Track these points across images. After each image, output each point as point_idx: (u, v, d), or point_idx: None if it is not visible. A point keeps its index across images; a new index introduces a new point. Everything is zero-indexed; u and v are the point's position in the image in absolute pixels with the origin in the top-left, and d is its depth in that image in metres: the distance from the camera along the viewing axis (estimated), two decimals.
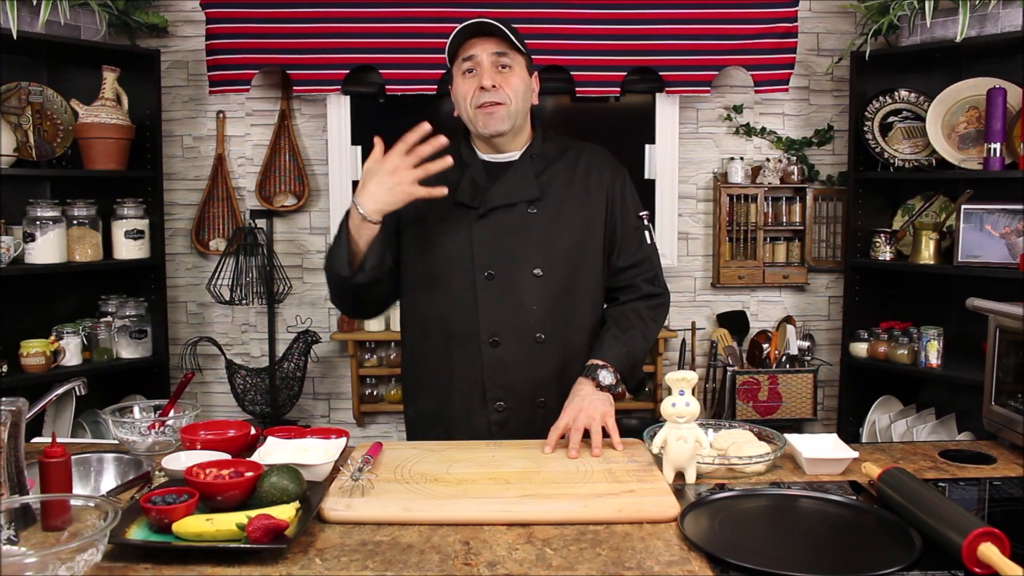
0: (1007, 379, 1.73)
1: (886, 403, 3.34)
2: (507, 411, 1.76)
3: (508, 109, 1.75)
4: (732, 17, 3.32)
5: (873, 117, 3.29)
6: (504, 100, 1.74)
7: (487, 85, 1.72)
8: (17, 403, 1.29)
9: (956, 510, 1.19)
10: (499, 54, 1.73)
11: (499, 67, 1.74)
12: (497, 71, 1.74)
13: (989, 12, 2.86)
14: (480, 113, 1.75)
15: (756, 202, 3.54)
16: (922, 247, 3.14)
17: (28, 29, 2.86)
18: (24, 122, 3.05)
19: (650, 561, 1.15)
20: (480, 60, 1.74)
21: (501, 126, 1.75)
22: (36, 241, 2.95)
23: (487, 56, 1.73)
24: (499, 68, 1.74)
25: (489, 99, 1.73)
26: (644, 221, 1.89)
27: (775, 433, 1.61)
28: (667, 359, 3.57)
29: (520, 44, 1.76)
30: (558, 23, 3.30)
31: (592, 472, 1.46)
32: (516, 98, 1.75)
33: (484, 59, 1.73)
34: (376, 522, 1.28)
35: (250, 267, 3.41)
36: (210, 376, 3.65)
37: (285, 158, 3.56)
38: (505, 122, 1.75)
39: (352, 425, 3.61)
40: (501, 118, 1.75)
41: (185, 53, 3.51)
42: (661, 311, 1.89)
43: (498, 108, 1.74)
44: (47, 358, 2.97)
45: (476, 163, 1.81)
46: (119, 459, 1.54)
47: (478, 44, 1.74)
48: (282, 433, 1.60)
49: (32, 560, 1.00)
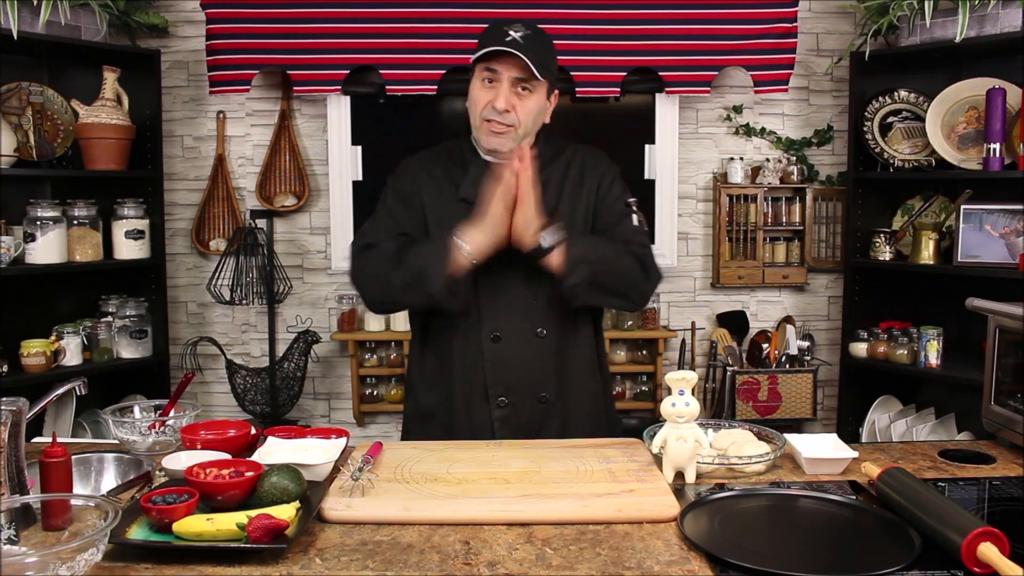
0: (1006, 379, 1.73)
1: (886, 403, 3.34)
2: (509, 407, 1.77)
3: (516, 132, 1.74)
4: (732, 17, 3.32)
5: (873, 117, 3.29)
6: (514, 123, 1.73)
7: (500, 107, 1.71)
8: (17, 403, 1.29)
9: (955, 510, 1.19)
10: (521, 79, 1.72)
11: (518, 90, 1.73)
12: (515, 93, 1.72)
13: (988, 12, 2.86)
14: (486, 128, 1.74)
15: (756, 202, 3.54)
16: (922, 247, 3.14)
17: (28, 29, 2.86)
18: (25, 122, 3.05)
19: (650, 561, 1.15)
20: (501, 78, 1.72)
21: (503, 147, 1.75)
22: (36, 241, 2.95)
23: (508, 77, 1.71)
24: (518, 91, 1.73)
25: (499, 120, 1.72)
26: (632, 207, 1.85)
27: (775, 433, 1.61)
28: (667, 359, 3.57)
29: (546, 71, 1.73)
30: (558, 23, 3.30)
31: (592, 472, 1.46)
32: (527, 121, 1.74)
33: (504, 78, 1.71)
34: (376, 522, 1.28)
35: (250, 267, 3.41)
36: (210, 376, 3.65)
37: (285, 158, 3.56)
38: (508, 144, 1.75)
39: (352, 425, 3.61)
40: (505, 140, 1.74)
41: (185, 53, 3.51)
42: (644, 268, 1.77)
43: (506, 131, 1.73)
44: (47, 358, 2.97)
45: (479, 163, 1.82)
46: (119, 459, 1.54)
47: (505, 60, 1.71)
48: (282, 433, 1.60)
49: (32, 560, 1.00)
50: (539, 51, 1.71)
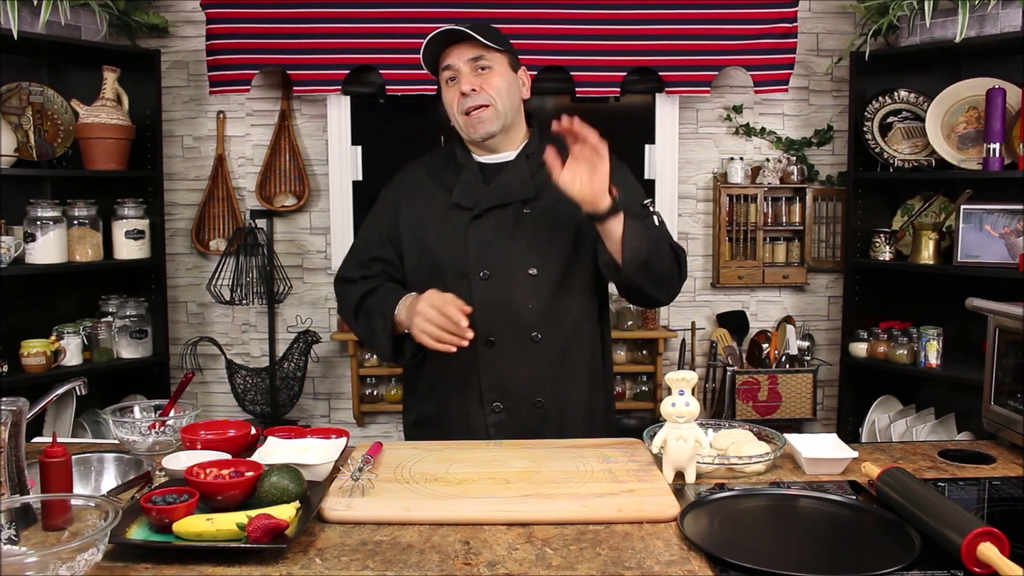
0: (1006, 379, 1.73)
1: (886, 403, 3.34)
2: (504, 412, 1.76)
3: (495, 109, 1.74)
4: (732, 17, 3.32)
5: (873, 117, 3.29)
6: (488, 101, 1.73)
7: (466, 90, 1.72)
8: (17, 403, 1.29)
9: (955, 510, 1.19)
10: (475, 58, 1.73)
11: (477, 70, 1.73)
12: (476, 74, 1.73)
13: (988, 12, 2.86)
14: (467, 120, 1.75)
15: (756, 202, 3.54)
16: (922, 247, 3.14)
17: (29, 29, 2.86)
18: (25, 122, 3.05)
19: (650, 561, 1.15)
20: (458, 67, 1.73)
21: (490, 127, 1.75)
22: (36, 241, 2.95)
23: (464, 62, 1.73)
24: (478, 71, 1.73)
25: (472, 103, 1.73)
26: (650, 208, 1.82)
27: (775, 433, 1.61)
28: (667, 359, 3.57)
29: (497, 43, 1.74)
30: (558, 23, 3.30)
31: (592, 472, 1.46)
32: (500, 96, 1.74)
33: (461, 65, 1.73)
34: (376, 522, 1.28)
35: (250, 267, 3.41)
36: (210, 376, 3.65)
37: (285, 158, 3.56)
38: (494, 123, 1.75)
39: (352, 425, 3.61)
40: (489, 119, 1.74)
41: (185, 53, 3.51)
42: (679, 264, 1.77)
43: (483, 111, 1.74)
44: (47, 358, 2.97)
45: (471, 165, 1.81)
46: (119, 459, 1.54)
47: (454, 51, 1.73)
48: (282, 433, 1.60)
49: (33, 560, 1.00)
50: (481, 28, 1.73)
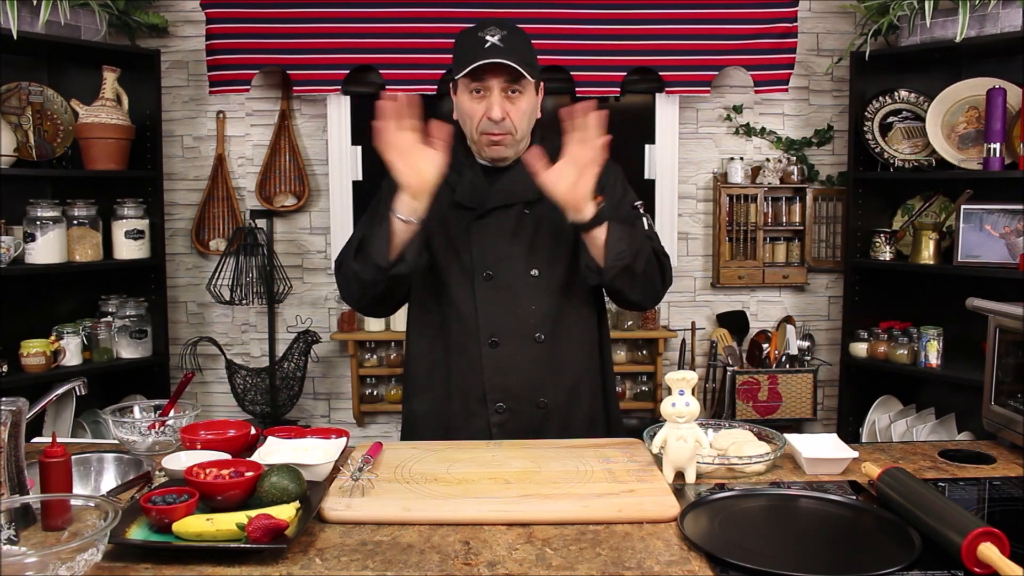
0: (1007, 379, 1.73)
1: (886, 403, 3.34)
2: (507, 412, 1.76)
3: (514, 138, 1.74)
4: (732, 17, 3.32)
5: (873, 117, 3.29)
6: (510, 130, 1.73)
7: (496, 117, 1.70)
8: (17, 403, 1.29)
9: (956, 510, 1.19)
10: (510, 82, 1.71)
11: (508, 93, 1.72)
12: (506, 97, 1.72)
13: (989, 12, 2.86)
14: (485, 140, 1.74)
15: (756, 202, 3.54)
16: (922, 247, 3.14)
17: (28, 29, 2.86)
18: (24, 122, 3.05)
19: (650, 561, 1.15)
20: (491, 86, 1.71)
21: (505, 153, 1.76)
22: (36, 241, 2.95)
23: (497, 85, 1.70)
24: (508, 94, 1.72)
25: (496, 131, 1.72)
26: (640, 210, 1.84)
27: (775, 433, 1.61)
28: (667, 359, 3.57)
29: (532, 69, 1.73)
30: (558, 23, 3.30)
31: (592, 472, 1.46)
32: (521, 124, 1.74)
33: (494, 87, 1.71)
34: (376, 522, 1.28)
35: (250, 267, 3.41)
36: (210, 376, 3.65)
37: (285, 158, 3.56)
38: (509, 150, 1.76)
39: (352, 425, 3.61)
40: (506, 147, 1.75)
41: (185, 53, 3.51)
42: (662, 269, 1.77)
43: (504, 138, 1.73)
44: (47, 358, 2.97)
45: (475, 166, 1.81)
46: (119, 459, 1.54)
47: (492, 72, 1.69)
48: (282, 433, 1.60)
49: (32, 560, 1.00)
50: (522, 51, 1.70)
